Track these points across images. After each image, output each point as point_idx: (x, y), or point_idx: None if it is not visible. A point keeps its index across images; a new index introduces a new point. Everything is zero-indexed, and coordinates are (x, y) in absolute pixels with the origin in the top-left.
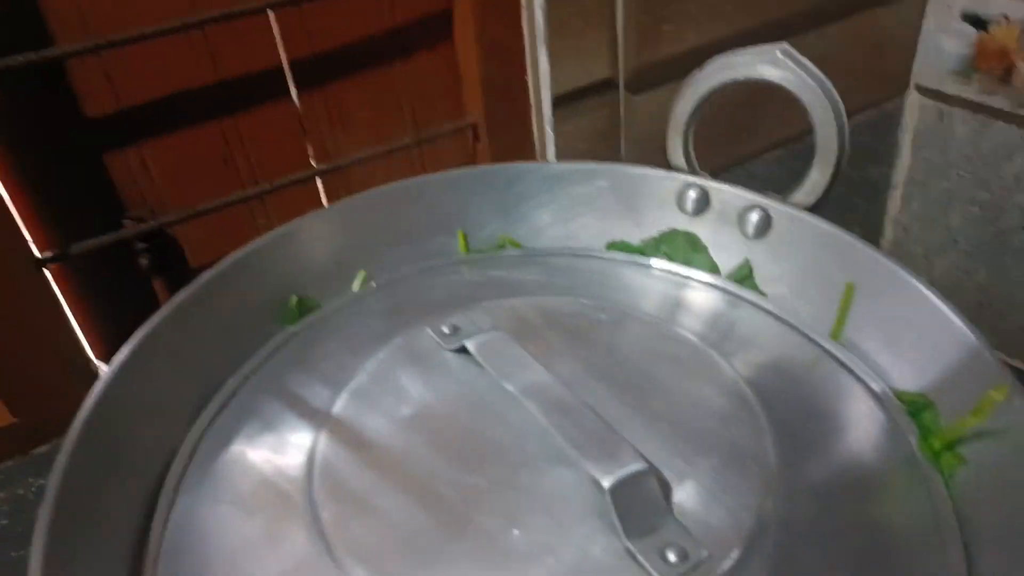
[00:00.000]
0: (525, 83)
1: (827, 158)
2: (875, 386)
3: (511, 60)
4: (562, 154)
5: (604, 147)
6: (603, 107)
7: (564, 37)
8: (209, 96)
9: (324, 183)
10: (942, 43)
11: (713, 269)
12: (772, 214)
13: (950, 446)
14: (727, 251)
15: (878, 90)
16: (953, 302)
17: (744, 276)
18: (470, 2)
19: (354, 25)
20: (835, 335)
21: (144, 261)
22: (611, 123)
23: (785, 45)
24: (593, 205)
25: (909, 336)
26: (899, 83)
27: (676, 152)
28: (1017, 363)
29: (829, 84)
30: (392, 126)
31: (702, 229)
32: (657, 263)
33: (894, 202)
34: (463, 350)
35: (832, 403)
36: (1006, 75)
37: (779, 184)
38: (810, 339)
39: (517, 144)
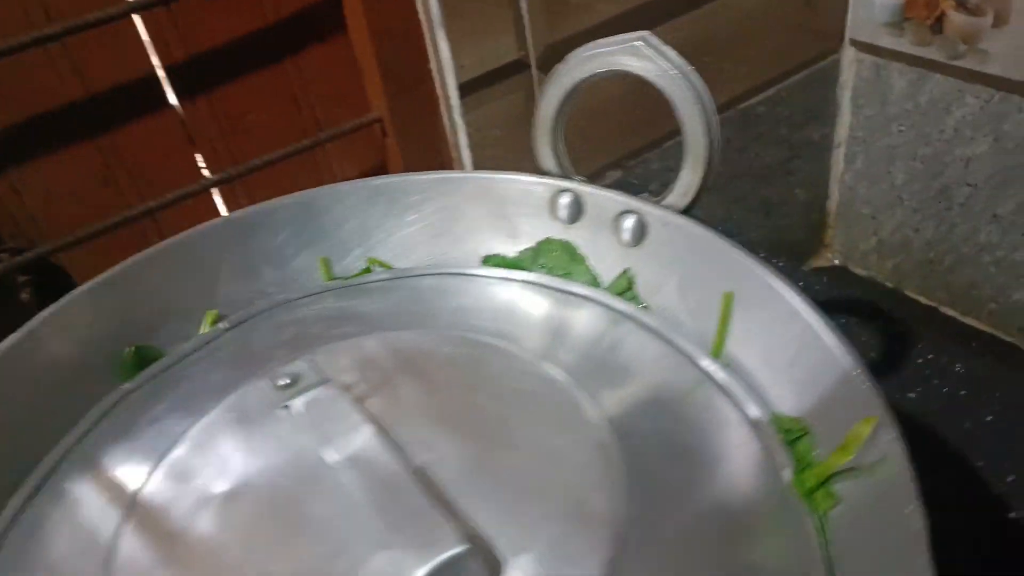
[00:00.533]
0: (429, 72)
1: (697, 156)
2: (753, 412)
3: (410, 48)
4: (475, 143)
5: (522, 132)
6: (516, 90)
7: (463, 18)
8: (78, 113)
9: (223, 194)
10: None
11: (593, 281)
12: (647, 219)
13: (823, 483)
14: (606, 260)
15: (813, 47)
16: (826, 315)
17: (624, 288)
18: None
19: (233, 23)
20: (715, 352)
21: (26, 295)
22: (527, 106)
23: (646, 34)
24: (464, 217)
25: (787, 353)
26: (833, 38)
27: (545, 155)
28: (969, 320)
29: (695, 76)
30: (291, 127)
31: (579, 237)
32: (534, 278)
33: (837, 162)
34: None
35: (705, 436)
36: (937, 24)
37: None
38: (690, 359)
39: (427, 136)
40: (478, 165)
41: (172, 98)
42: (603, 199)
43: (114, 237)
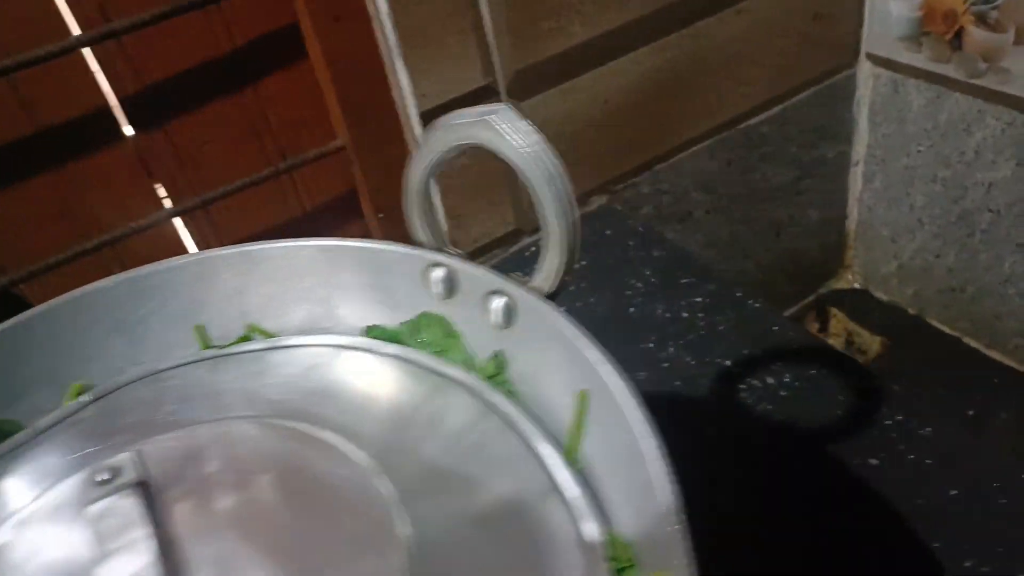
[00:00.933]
0: (392, 100)
1: (555, 239)
2: (590, 532)
3: (370, 76)
4: (441, 173)
5: (491, 160)
6: None
7: (423, 47)
8: (29, 148)
9: (189, 224)
10: (889, 6)
11: (468, 361)
12: (515, 301)
13: None
14: (480, 340)
15: (824, 62)
16: (659, 436)
17: (495, 371)
18: (312, 16)
19: (188, 52)
20: (569, 455)
21: None
22: None
23: (503, 106)
24: (346, 286)
25: (627, 468)
26: (847, 52)
27: (416, 227)
28: (993, 354)
29: (549, 154)
30: (254, 155)
31: (455, 314)
32: (408, 354)
33: (856, 181)
34: None
35: (534, 561)
36: (956, 39)
37: (714, 177)
38: (542, 463)
39: (393, 165)
40: (446, 194)
41: (127, 130)
42: (473, 276)
43: (78, 269)
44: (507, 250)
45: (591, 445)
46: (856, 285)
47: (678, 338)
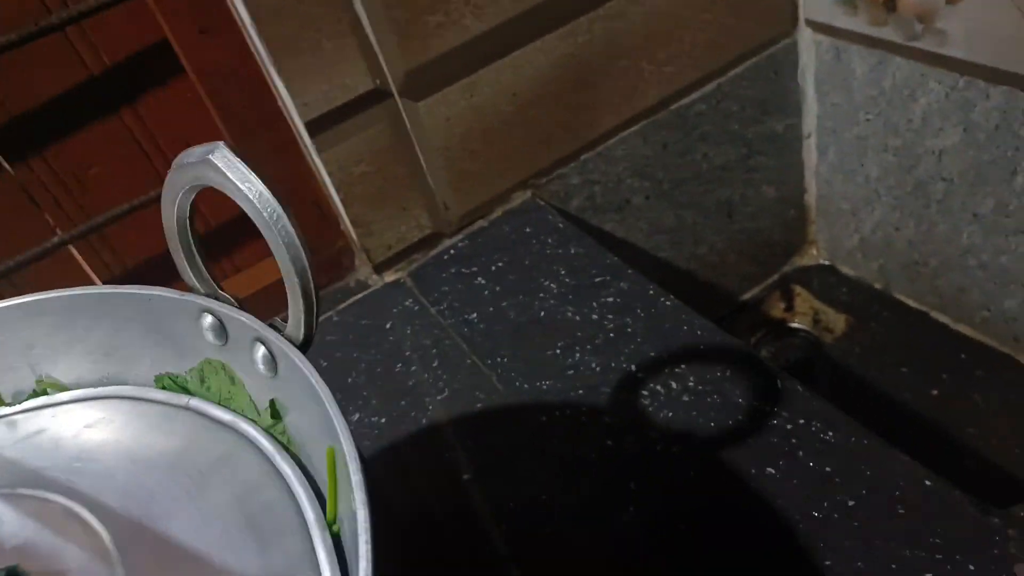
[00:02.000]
0: (279, 111)
1: (293, 285)
2: None
3: (252, 88)
4: (341, 183)
5: (397, 164)
6: (379, 121)
7: (296, 55)
8: None
9: (84, 252)
10: None
11: (253, 408)
12: (272, 350)
13: None
14: (256, 388)
15: (763, 30)
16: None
17: (273, 421)
18: (174, 31)
19: (55, 79)
20: (330, 515)
21: None
22: (396, 137)
23: (219, 145)
24: (131, 334)
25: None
26: (786, 19)
27: (183, 270)
28: (961, 328)
29: (268, 196)
30: (145, 175)
31: (233, 360)
32: (197, 406)
33: (810, 154)
34: None
35: None
36: (891, 1)
37: (650, 162)
38: (307, 532)
39: (292, 179)
40: (349, 204)
41: (2, 162)
42: (238, 323)
43: None
44: (427, 254)
45: (346, 502)
46: (823, 261)
47: (585, 342)
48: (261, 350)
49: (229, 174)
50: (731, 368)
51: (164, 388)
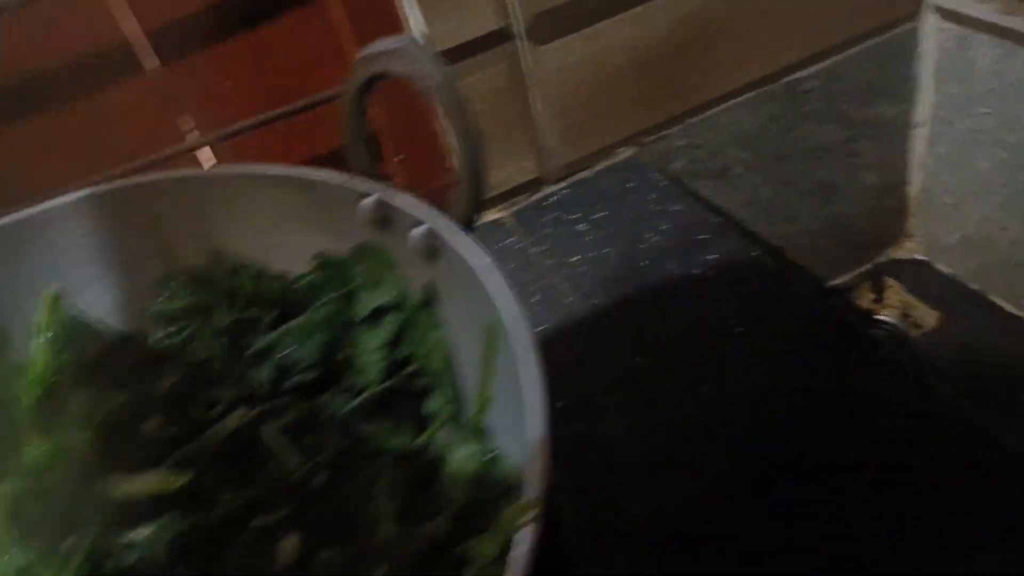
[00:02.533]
0: None
1: (466, 167)
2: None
3: (386, 20)
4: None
5: (510, 107)
6: (499, 62)
7: None
8: (57, 80)
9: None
10: None
11: (404, 292)
12: (437, 231)
13: None
14: (412, 271)
15: (885, 11)
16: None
17: (425, 302)
18: None
19: None
20: (482, 389)
21: None
22: (512, 80)
23: (411, 39)
24: (294, 213)
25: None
26: (909, 4)
27: (355, 156)
28: None
29: (453, 83)
30: (273, 93)
31: (390, 243)
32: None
33: (918, 144)
34: None
35: None
36: None
37: (753, 134)
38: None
39: (412, 107)
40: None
41: (151, 62)
42: (402, 207)
43: None
44: (528, 198)
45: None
46: (917, 256)
47: (685, 295)
48: (422, 234)
49: (421, 61)
50: (831, 336)
51: (321, 266)
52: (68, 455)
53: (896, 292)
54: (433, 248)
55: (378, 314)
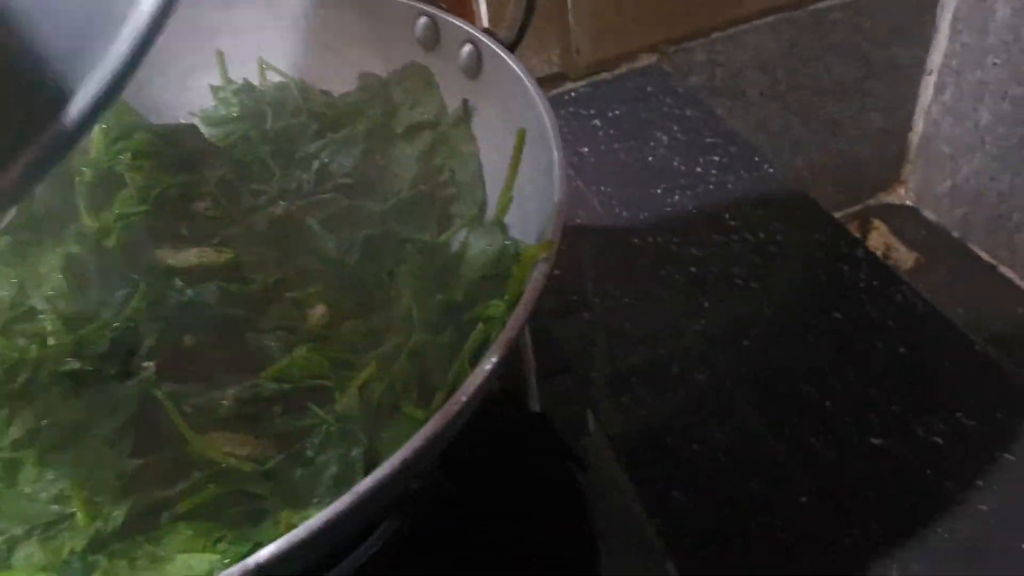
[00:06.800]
0: None
1: None
2: None
3: None
4: (490, 1)
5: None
6: None
7: None
8: None
9: None
10: None
11: (441, 110)
12: (482, 50)
13: None
14: (452, 90)
15: None
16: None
17: (461, 118)
18: None
19: None
20: (507, 184)
21: None
22: None
23: None
24: (349, 32)
25: (541, 186)
26: None
27: None
28: None
29: None
30: None
31: (435, 64)
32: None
33: (926, 91)
34: None
35: None
36: None
37: (774, 59)
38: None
39: None
40: (495, 24)
41: None
42: (452, 26)
43: None
44: (548, 91)
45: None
46: (908, 202)
47: (687, 188)
48: (469, 52)
49: None
50: (815, 233)
51: (365, 86)
52: (124, 225)
53: (881, 234)
54: (478, 65)
55: (414, 129)
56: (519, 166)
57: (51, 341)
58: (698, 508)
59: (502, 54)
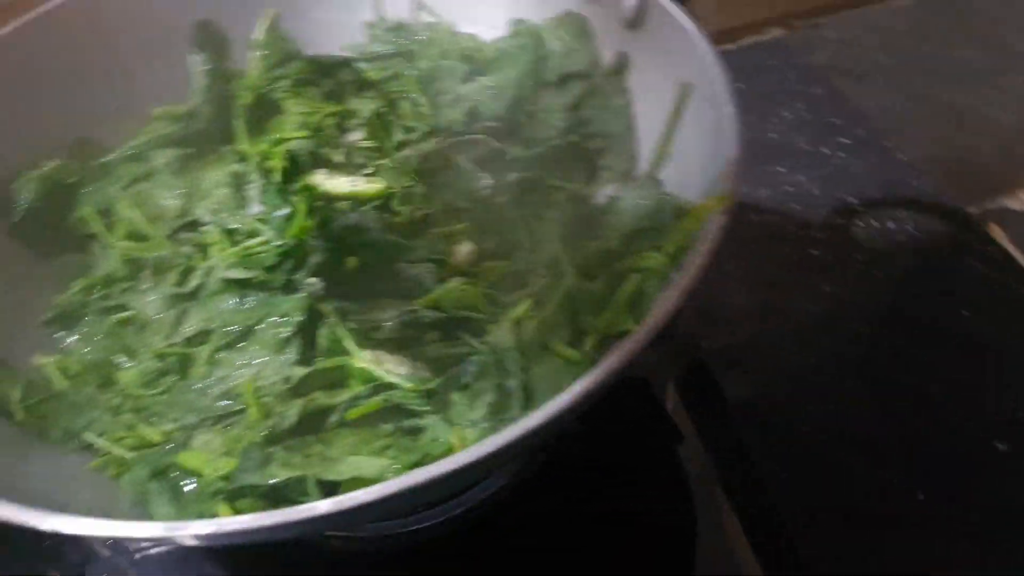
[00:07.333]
0: None
1: None
2: None
3: None
4: None
5: None
6: None
7: None
8: None
9: None
10: None
11: (595, 60)
12: (648, 2)
13: None
14: (609, 42)
15: None
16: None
17: (616, 71)
18: None
19: None
20: (664, 145)
21: None
22: None
23: None
24: None
25: (710, 142)
26: None
27: None
28: None
29: None
30: None
31: (593, 14)
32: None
33: None
34: None
35: None
36: None
37: (905, 42)
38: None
39: None
40: None
41: None
42: None
43: None
44: None
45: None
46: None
47: (810, 169)
48: (633, 3)
49: None
50: (945, 225)
51: (517, 32)
52: (282, 149)
53: (997, 239)
54: (641, 17)
55: (566, 79)
56: (679, 122)
57: (214, 251)
58: (798, 484)
59: (670, 8)
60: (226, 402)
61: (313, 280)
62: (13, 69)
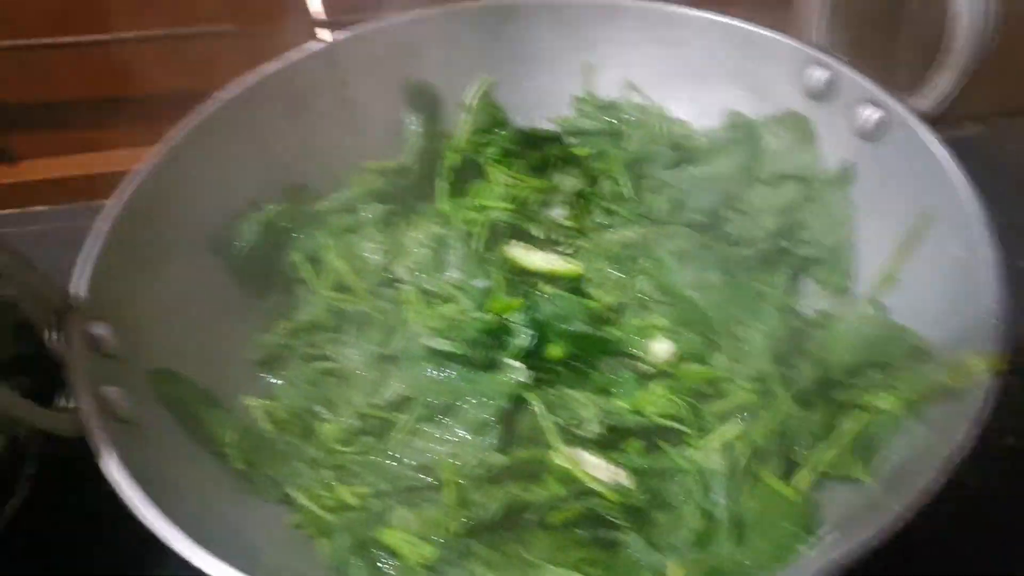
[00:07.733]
0: None
1: (959, 51)
2: None
3: None
4: None
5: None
6: None
7: None
8: None
9: None
10: None
11: (815, 165)
12: (890, 116)
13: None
14: (836, 148)
15: None
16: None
17: (838, 180)
18: None
19: None
20: (891, 270)
21: None
22: None
23: None
24: (721, 65)
25: (952, 283)
26: None
27: (813, 21)
28: None
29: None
30: None
31: (821, 117)
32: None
33: None
34: None
35: None
36: None
37: None
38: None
39: None
40: None
41: None
42: (853, 83)
43: None
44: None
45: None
46: None
47: None
48: (871, 115)
49: None
50: None
51: (733, 124)
52: (485, 217)
53: None
54: (880, 129)
55: (781, 179)
56: (913, 249)
57: (411, 313)
58: None
59: (918, 128)
60: (421, 476)
61: (519, 365)
62: (248, 118)
